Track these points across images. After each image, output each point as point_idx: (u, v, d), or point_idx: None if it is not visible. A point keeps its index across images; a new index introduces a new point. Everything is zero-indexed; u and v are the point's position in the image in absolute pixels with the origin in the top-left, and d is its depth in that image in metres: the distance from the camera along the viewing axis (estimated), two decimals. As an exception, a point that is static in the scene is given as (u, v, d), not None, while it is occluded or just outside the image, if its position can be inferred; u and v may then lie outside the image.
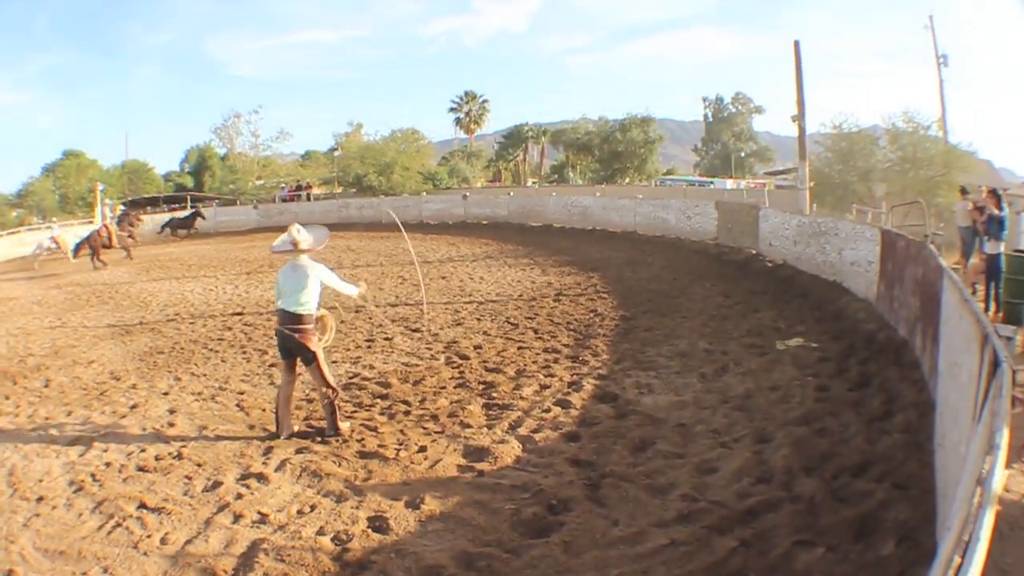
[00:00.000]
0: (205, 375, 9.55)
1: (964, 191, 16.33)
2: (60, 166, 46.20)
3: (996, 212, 10.70)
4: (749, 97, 74.97)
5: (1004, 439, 2.75)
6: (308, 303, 6.76)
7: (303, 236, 6.89)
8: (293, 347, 6.83)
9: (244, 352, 10.80)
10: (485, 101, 64.17)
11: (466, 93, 64.03)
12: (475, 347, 10.32)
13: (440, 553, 4.61)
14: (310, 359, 6.81)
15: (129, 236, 26.32)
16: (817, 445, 5.93)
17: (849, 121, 30.75)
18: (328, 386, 6.86)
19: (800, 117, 22.43)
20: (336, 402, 6.98)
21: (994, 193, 11.25)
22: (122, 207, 31.95)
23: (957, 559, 1.96)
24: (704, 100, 76.53)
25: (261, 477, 6.11)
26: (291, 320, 6.74)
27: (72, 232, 28.95)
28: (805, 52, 23.00)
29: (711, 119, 75.37)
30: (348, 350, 10.51)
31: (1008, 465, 5.20)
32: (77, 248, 24.36)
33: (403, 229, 12.06)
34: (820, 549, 4.30)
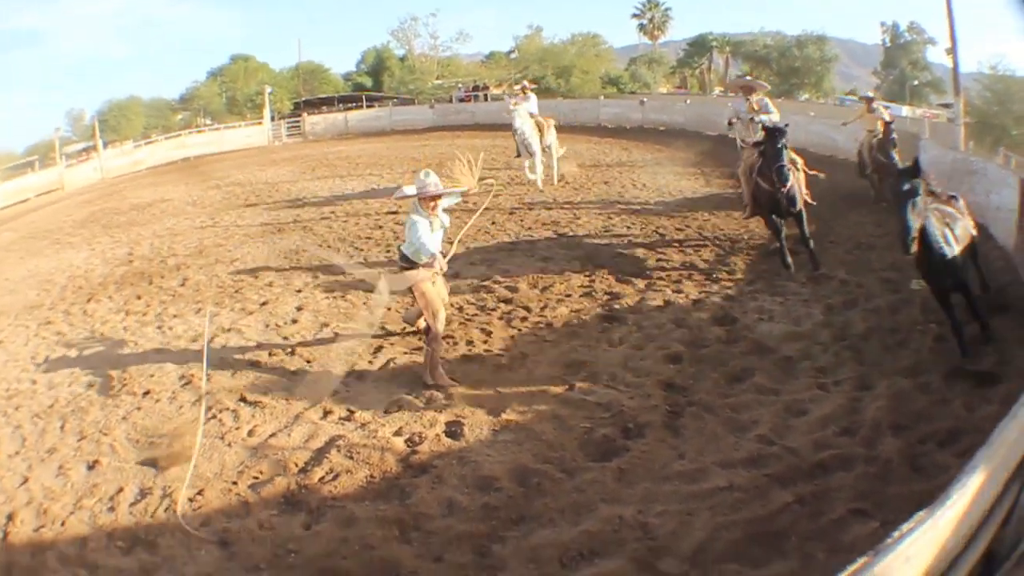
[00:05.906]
0: (343, 274, 9.55)
1: None
2: (227, 70, 46.68)
3: None
4: (923, 28, 67.53)
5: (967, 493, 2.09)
6: None
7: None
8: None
9: (388, 252, 10.50)
10: (668, 9, 61.16)
11: (648, 0, 61.33)
12: (613, 256, 9.98)
13: (499, 465, 4.75)
14: None
15: None
16: (916, 401, 5.48)
17: (1004, 62, 27.11)
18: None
19: (953, 51, 19.94)
20: (436, 354, 6.32)
21: None
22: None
23: None
24: (882, 25, 69.85)
25: (362, 375, 6.38)
26: None
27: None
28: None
29: (888, 44, 69.00)
30: (489, 252, 10.32)
31: None
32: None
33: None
34: (875, 523, 4.02)
